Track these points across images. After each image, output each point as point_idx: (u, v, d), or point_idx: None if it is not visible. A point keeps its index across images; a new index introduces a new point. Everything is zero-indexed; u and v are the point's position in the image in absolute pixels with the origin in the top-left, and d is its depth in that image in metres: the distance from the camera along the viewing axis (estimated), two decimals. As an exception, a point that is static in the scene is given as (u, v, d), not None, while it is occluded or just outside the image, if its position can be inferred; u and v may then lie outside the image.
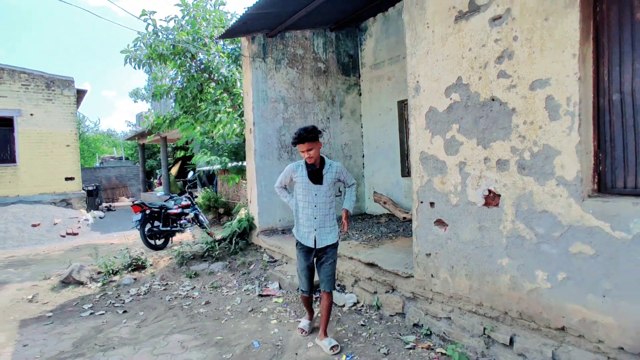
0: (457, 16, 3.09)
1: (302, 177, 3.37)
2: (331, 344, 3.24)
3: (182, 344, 3.55)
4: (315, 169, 3.36)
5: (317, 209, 3.36)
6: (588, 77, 2.44)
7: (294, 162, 3.49)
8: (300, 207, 3.44)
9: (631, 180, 2.35)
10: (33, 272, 6.04)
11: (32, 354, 3.45)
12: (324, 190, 3.38)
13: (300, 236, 3.43)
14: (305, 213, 3.39)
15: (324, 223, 3.39)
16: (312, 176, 3.35)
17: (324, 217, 3.38)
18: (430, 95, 3.37)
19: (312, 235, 3.36)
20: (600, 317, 2.35)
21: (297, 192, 3.45)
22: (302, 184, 3.37)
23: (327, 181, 3.38)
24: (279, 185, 3.66)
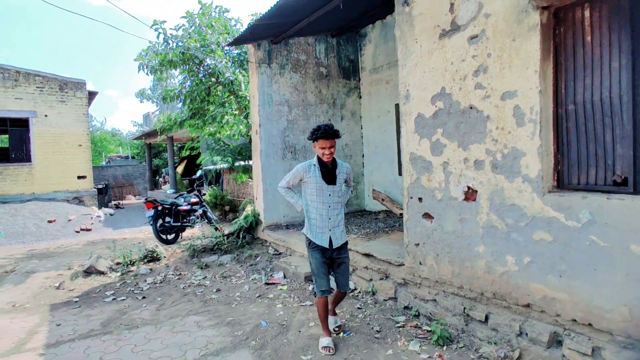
0: (441, 34, 3.51)
1: (315, 178, 3.31)
2: (336, 322, 3.61)
3: (198, 323, 3.99)
4: (328, 169, 3.33)
5: (331, 209, 3.34)
6: (548, 90, 2.85)
7: (303, 163, 3.42)
8: (313, 208, 3.36)
9: (583, 178, 2.77)
10: (56, 263, 6.52)
11: (66, 332, 3.91)
12: (337, 191, 3.38)
13: (314, 236, 3.35)
14: (319, 214, 3.33)
15: (338, 223, 3.39)
16: (326, 176, 3.32)
17: (337, 216, 3.38)
18: (418, 103, 3.79)
19: (327, 235, 3.33)
20: (557, 294, 2.77)
21: (309, 193, 3.37)
22: (316, 184, 3.31)
23: (339, 181, 3.39)
24: (285, 186, 3.53)
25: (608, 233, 2.47)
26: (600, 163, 2.67)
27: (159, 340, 3.62)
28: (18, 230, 9.64)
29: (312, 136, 3.28)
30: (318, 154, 3.32)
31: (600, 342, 2.56)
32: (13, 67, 11.68)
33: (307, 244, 3.45)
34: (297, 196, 3.56)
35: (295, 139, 7.29)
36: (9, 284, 5.52)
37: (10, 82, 11.58)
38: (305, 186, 3.41)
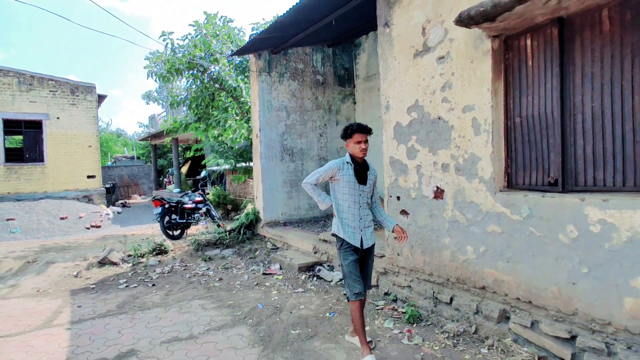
0: (415, 53, 4.04)
1: (348, 176, 3.22)
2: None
3: (202, 306, 4.53)
4: (361, 168, 3.27)
5: (362, 209, 3.26)
6: (499, 105, 3.37)
7: (336, 160, 3.32)
8: (345, 207, 3.25)
9: (527, 179, 3.28)
10: (72, 255, 7.09)
11: (87, 312, 4.45)
12: (367, 192, 3.31)
13: (348, 236, 3.22)
14: (351, 213, 3.23)
15: (369, 223, 3.31)
16: (359, 175, 3.24)
17: (368, 217, 3.31)
18: (397, 113, 4.32)
19: (359, 235, 3.23)
20: (505, 277, 3.29)
21: (341, 192, 3.26)
22: (349, 182, 3.21)
23: (369, 182, 3.32)
24: (312, 182, 3.32)
25: (542, 225, 2.99)
26: (539, 167, 3.18)
27: (168, 319, 4.16)
28: (33, 226, 10.23)
29: (346, 133, 3.23)
30: (352, 151, 3.24)
31: (538, 317, 3.08)
32: (28, 72, 12.31)
33: (338, 246, 3.31)
34: (324, 194, 3.39)
35: (292, 142, 7.83)
36: (31, 272, 6.09)
37: (25, 86, 12.21)
38: (336, 184, 3.28)
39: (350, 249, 3.23)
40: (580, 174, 2.92)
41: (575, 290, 2.81)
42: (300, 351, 3.34)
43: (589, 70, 2.82)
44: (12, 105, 12.02)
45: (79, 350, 3.47)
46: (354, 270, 3.18)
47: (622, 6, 2.60)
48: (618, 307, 2.58)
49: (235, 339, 3.62)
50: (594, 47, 2.79)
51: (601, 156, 2.79)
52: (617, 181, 2.72)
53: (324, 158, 8.23)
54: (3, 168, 12.03)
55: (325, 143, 8.27)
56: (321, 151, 8.20)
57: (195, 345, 3.50)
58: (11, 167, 12.21)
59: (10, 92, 11.96)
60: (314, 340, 3.55)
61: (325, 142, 8.26)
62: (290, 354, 3.30)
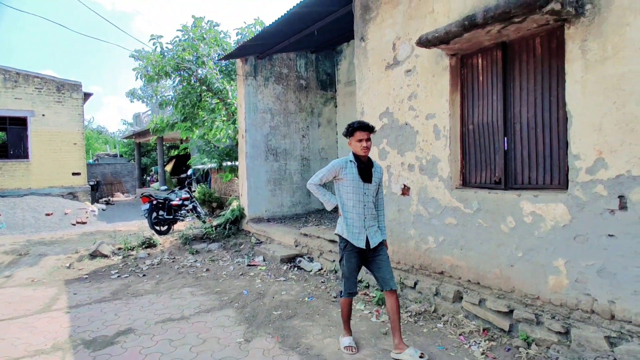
0: (386, 66, 4.54)
1: (352, 175, 3.18)
2: (417, 352, 3.02)
3: (192, 293, 4.92)
4: (365, 166, 3.22)
5: (366, 208, 3.21)
6: (456, 113, 3.90)
7: (339, 159, 3.29)
8: (349, 206, 3.21)
9: (478, 178, 3.82)
10: (63, 248, 7.35)
11: (83, 298, 4.79)
12: (372, 190, 3.25)
13: (352, 237, 3.19)
14: (356, 212, 3.19)
15: (372, 222, 3.27)
16: (363, 173, 3.20)
17: (371, 216, 3.26)
18: (370, 118, 4.81)
19: (363, 235, 3.19)
20: (459, 263, 3.81)
21: (345, 191, 3.22)
22: (353, 181, 3.18)
23: (375, 180, 3.26)
24: (317, 182, 3.30)
25: (488, 217, 3.52)
26: (487, 167, 3.72)
27: (160, 303, 4.55)
28: (18, 222, 10.35)
29: (348, 131, 3.20)
30: (354, 150, 3.21)
31: (484, 295, 3.61)
32: (14, 69, 12.36)
33: (341, 247, 3.30)
34: (329, 194, 3.38)
35: (276, 143, 8.26)
36: (25, 264, 6.35)
37: (11, 82, 12.26)
38: (340, 183, 3.25)
39: (354, 252, 3.20)
40: (519, 174, 3.47)
41: (512, 271, 3.35)
42: (281, 328, 3.79)
43: (525, 86, 3.37)
44: (-4, 102, 12.08)
45: (80, 330, 3.84)
46: (354, 273, 3.23)
47: (550, 36, 3.15)
48: (544, 284, 3.12)
49: (223, 319, 4.04)
50: (529, 68, 3.33)
51: (534, 159, 3.34)
52: (546, 180, 3.27)
53: (306, 158, 8.69)
54: (-13, 164, 12.07)
55: (308, 144, 8.73)
56: (304, 152, 8.66)
57: (187, 324, 3.91)
58: (-5, 163, 12.25)
59: (-5, 88, 12.01)
60: (294, 319, 4.01)
61: (307, 143, 8.72)
62: (272, 330, 3.74)
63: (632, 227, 2.63)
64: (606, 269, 2.77)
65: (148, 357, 3.23)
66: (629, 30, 2.60)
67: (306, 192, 8.68)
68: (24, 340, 3.62)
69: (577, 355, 2.90)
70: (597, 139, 2.79)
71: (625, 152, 2.65)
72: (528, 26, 3.08)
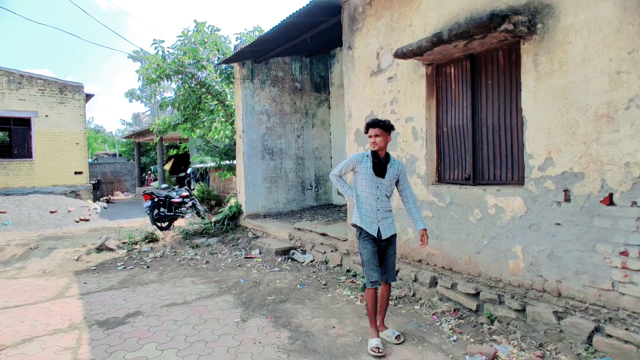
0: (371, 73, 4.96)
1: (366, 169, 3.35)
2: (395, 334, 3.36)
3: (193, 281, 5.34)
4: (380, 161, 3.37)
5: (379, 201, 3.36)
6: (432, 117, 4.32)
7: (358, 153, 3.51)
8: (363, 198, 3.39)
9: (451, 175, 4.24)
10: (70, 242, 7.75)
11: (92, 287, 5.20)
12: (386, 185, 3.39)
13: (365, 225, 3.37)
14: (368, 204, 3.36)
15: (386, 214, 3.40)
16: (377, 168, 3.35)
17: (385, 210, 3.39)
18: (357, 121, 5.23)
19: (375, 226, 3.36)
20: (434, 251, 4.24)
21: (360, 183, 3.40)
22: (366, 175, 3.35)
23: (389, 175, 3.39)
24: (337, 174, 3.52)
25: (458, 209, 3.95)
26: (459, 166, 4.15)
27: (164, 291, 4.96)
28: (24, 219, 10.74)
29: (366, 129, 3.40)
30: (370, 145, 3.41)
31: (456, 280, 4.03)
32: (17, 71, 12.72)
33: (357, 235, 3.47)
34: (347, 185, 3.57)
35: (273, 142, 8.67)
36: (35, 257, 6.75)
37: (15, 84, 12.63)
38: (356, 176, 3.44)
39: (368, 238, 3.34)
40: (485, 171, 3.89)
41: (479, 257, 3.78)
42: (274, 310, 4.21)
43: (490, 94, 3.79)
44: (1, 103, 12.44)
45: (93, 312, 4.25)
46: (372, 259, 3.29)
47: (510, 49, 3.58)
48: (505, 268, 3.55)
49: (222, 303, 4.46)
50: (493, 77, 3.76)
51: (498, 158, 3.77)
52: (507, 176, 3.70)
53: (301, 157, 9.11)
54: (-8, 164, 12.45)
55: (302, 144, 9.14)
56: (298, 151, 9.07)
57: (189, 308, 4.32)
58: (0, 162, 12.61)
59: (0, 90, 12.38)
60: (286, 303, 4.43)
61: (302, 143, 9.13)
62: (266, 312, 4.16)
63: (574, 216, 3.06)
64: (554, 253, 3.20)
65: (156, 334, 3.65)
66: (571, 47, 3.03)
67: (300, 189, 9.10)
68: (43, 322, 4.03)
69: (531, 328, 3.33)
70: (547, 141, 3.22)
71: (569, 152, 3.08)
72: (490, 41, 3.50)
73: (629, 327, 2.79)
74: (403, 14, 4.47)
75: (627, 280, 2.80)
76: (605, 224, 2.90)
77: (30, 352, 3.36)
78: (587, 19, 2.94)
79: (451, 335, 3.49)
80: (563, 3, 3.07)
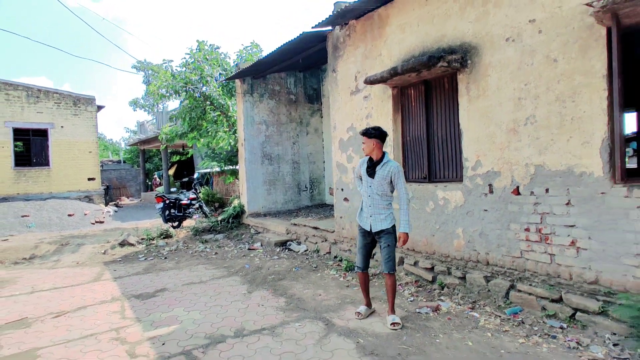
0: (351, 92, 6.03)
1: (363, 170, 3.92)
2: (393, 320, 3.71)
3: (206, 267, 6.38)
4: (372, 164, 3.85)
5: (370, 198, 3.85)
6: (398, 129, 5.39)
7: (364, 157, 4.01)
8: (362, 196, 4.01)
9: (414, 175, 5.29)
10: (95, 240, 8.79)
11: (122, 273, 6.24)
12: (376, 184, 3.81)
13: (360, 220, 3.98)
14: (364, 201, 3.94)
15: (378, 210, 3.83)
16: (369, 170, 3.85)
17: (377, 206, 3.83)
18: (340, 132, 6.30)
19: (369, 220, 3.87)
20: (401, 236, 5.28)
21: (362, 183, 4.01)
22: (363, 176, 3.91)
23: (378, 176, 3.79)
24: (355, 176, 4.16)
25: (418, 202, 5.00)
26: (419, 168, 5.21)
27: (183, 274, 6.00)
28: (45, 221, 11.78)
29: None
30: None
31: (417, 258, 5.08)
32: (35, 86, 13.82)
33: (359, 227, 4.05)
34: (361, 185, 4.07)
35: (271, 149, 9.73)
36: (67, 252, 7.79)
37: (33, 98, 13.72)
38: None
39: (361, 230, 3.97)
40: (437, 171, 4.96)
41: (433, 239, 4.83)
42: (273, 285, 5.25)
43: (439, 111, 4.86)
44: (21, 116, 13.52)
45: (128, 290, 5.29)
46: (361, 249, 4.00)
47: (451, 77, 4.64)
48: (452, 246, 4.60)
49: (231, 281, 5.51)
50: (441, 98, 4.83)
51: (445, 161, 4.83)
52: (452, 175, 4.76)
53: (296, 162, 10.17)
54: (13, 171, 13.50)
55: (298, 150, 10.21)
56: (294, 156, 10.14)
57: (205, 285, 5.37)
58: (20, 170, 13.68)
59: (19, 104, 13.46)
60: (283, 280, 5.48)
61: (297, 149, 10.20)
62: (267, 286, 5.21)
63: (496, 204, 4.12)
64: (483, 232, 4.26)
65: (182, 302, 4.69)
66: (490, 79, 4.11)
67: (297, 190, 10.16)
68: (90, 296, 5.07)
69: (469, 290, 4.38)
70: (477, 148, 4.28)
71: (491, 156, 4.14)
72: (436, 72, 4.58)
73: (531, 283, 3.85)
74: (374, 46, 5.55)
75: (530, 249, 3.86)
76: (514, 209, 3.96)
77: (87, 314, 4.40)
78: (499, 59, 4.02)
79: (409, 297, 4.55)
80: (484, 45, 4.15)
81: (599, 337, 3.23)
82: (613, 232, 3.27)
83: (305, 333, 3.66)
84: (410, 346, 3.32)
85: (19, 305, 4.78)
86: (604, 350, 3.05)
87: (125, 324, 4.06)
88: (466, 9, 4.30)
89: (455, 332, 3.57)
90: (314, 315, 4.10)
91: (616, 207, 3.25)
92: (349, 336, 3.56)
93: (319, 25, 5.97)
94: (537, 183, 3.77)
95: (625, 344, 3.08)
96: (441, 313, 4.03)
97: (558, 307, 3.61)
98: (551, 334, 3.37)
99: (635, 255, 3.15)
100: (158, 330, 3.86)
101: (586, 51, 3.37)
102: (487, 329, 3.59)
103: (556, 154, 3.61)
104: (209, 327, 3.87)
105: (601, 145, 3.31)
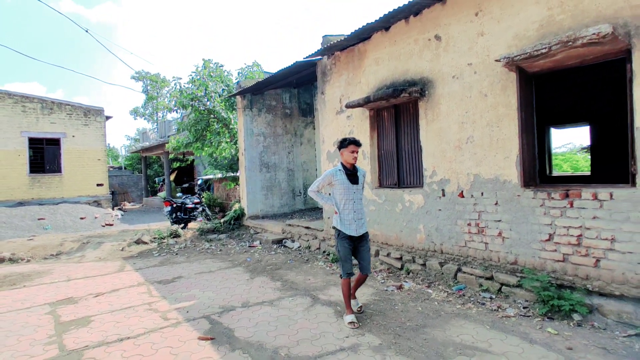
0: (336, 112, 7.16)
1: (342, 180, 4.00)
2: (358, 304, 4.30)
3: (212, 261, 7.44)
4: (352, 172, 4.08)
5: (355, 204, 4.04)
6: (374, 144, 6.51)
7: (330, 169, 4.14)
8: (342, 204, 4.03)
9: (386, 182, 6.41)
10: (112, 239, 9.82)
11: (141, 266, 7.28)
12: (360, 189, 4.08)
13: (344, 227, 4.03)
14: (347, 208, 4.02)
15: (360, 215, 4.08)
16: (351, 177, 4.05)
17: (359, 210, 4.06)
18: (328, 145, 7.42)
19: (353, 225, 4.01)
20: (377, 233, 6.38)
21: (338, 193, 4.04)
22: (343, 185, 3.98)
23: (360, 181, 4.10)
24: (315, 190, 4.16)
25: (390, 204, 6.11)
26: (390, 176, 6.33)
27: (194, 266, 7.06)
28: (60, 224, 12.77)
29: (343, 144, 4.03)
30: (345, 159, 4.07)
31: (389, 250, 6.18)
32: (49, 99, 14.88)
33: (336, 235, 4.10)
34: (326, 197, 4.22)
35: (268, 158, 10.83)
36: (89, 249, 8.82)
37: (47, 110, 14.77)
38: (334, 188, 4.08)
39: (346, 238, 4.03)
40: (405, 179, 6.08)
41: (402, 234, 5.94)
42: (271, 273, 6.33)
43: (406, 130, 5.99)
44: (36, 126, 14.56)
45: (149, 277, 6.34)
46: (348, 256, 4.02)
47: (414, 104, 5.77)
48: (415, 239, 5.71)
49: (236, 271, 6.58)
50: (407, 120, 5.97)
51: (410, 171, 5.96)
52: (415, 182, 5.88)
53: (291, 170, 11.27)
54: (28, 178, 14.51)
55: (293, 159, 11.32)
56: (289, 164, 11.24)
57: (214, 274, 6.43)
58: (35, 177, 14.69)
59: (35, 115, 14.51)
60: (279, 270, 6.55)
61: (292, 158, 11.31)
62: (266, 274, 6.28)
63: (447, 205, 5.24)
64: (439, 227, 5.37)
65: (197, 285, 5.75)
66: (441, 106, 5.25)
67: (291, 195, 11.25)
68: (119, 282, 6.12)
69: (428, 274, 5.48)
70: (432, 161, 5.41)
71: (442, 167, 5.27)
72: (402, 100, 5.71)
73: (472, 266, 4.96)
74: (355, 74, 6.69)
75: (471, 240, 4.98)
76: (460, 208, 5.08)
77: (121, 294, 5.45)
78: (448, 91, 5.16)
79: (380, 280, 5.64)
80: (437, 80, 5.29)
81: (516, 303, 4.34)
82: (525, 224, 4.39)
83: (297, 304, 4.74)
84: (374, 310, 4.41)
85: (62, 289, 5.83)
86: (516, 311, 4.16)
87: (153, 300, 5.13)
88: (424, 51, 5.45)
89: (411, 302, 4.66)
90: (304, 293, 5.19)
91: (527, 206, 4.37)
92: (329, 305, 4.64)
93: (310, 56, 7.10)
94: (475, 188, 4.89)
95: (531, 307, 4.19)
96: (403, 290, 5.13)
97: (490, 283, 4.72)
98: (482, 302, 4.48)
99: (539, 241, 4.27)
100: (181, 303, 4.92)
101: (506, 89, 4.51)
102: (435, 300, 4.69)
103: (488, 166, 4.74)
104: (221, 301, 4.94)
105: (516, 160, 4.44)
